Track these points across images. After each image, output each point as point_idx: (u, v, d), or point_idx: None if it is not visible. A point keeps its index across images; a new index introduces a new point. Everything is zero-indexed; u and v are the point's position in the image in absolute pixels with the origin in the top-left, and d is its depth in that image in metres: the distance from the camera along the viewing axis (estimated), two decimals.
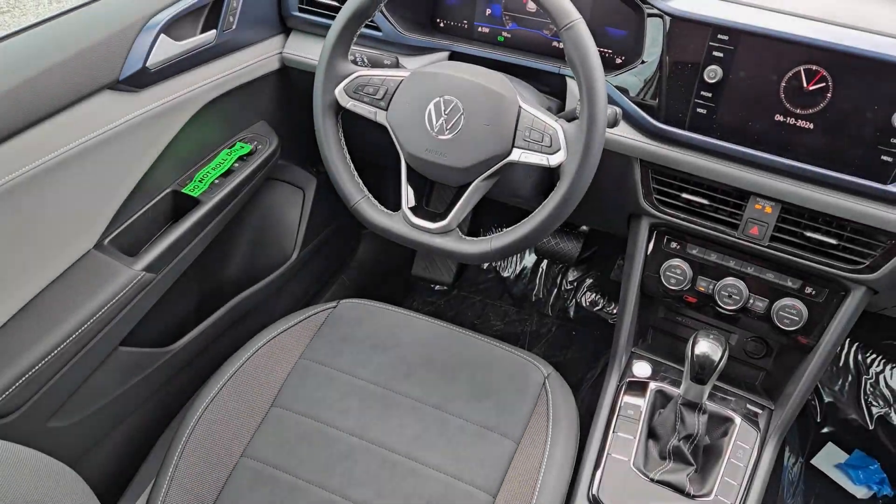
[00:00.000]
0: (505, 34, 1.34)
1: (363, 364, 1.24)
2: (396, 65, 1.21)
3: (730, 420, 1.24)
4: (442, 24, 1.37)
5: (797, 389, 1.24)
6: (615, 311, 2.11)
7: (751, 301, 1.22)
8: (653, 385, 1.30)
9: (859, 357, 1.88)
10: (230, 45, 1.29)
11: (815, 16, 1.03)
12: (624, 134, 1.18)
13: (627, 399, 1.28)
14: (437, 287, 2.24)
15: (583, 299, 2.15)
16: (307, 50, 1.41)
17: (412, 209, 1.11)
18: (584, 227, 2.07)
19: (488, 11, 1.33)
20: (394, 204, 1.14)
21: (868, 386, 1.87)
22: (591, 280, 2.15)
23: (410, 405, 1.18)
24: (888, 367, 1.87)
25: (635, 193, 1.23)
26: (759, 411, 1.28)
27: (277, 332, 1.28)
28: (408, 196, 1.12)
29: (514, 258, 2.24)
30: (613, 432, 1.23)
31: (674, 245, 1.27)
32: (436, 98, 1.05)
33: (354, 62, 1.16)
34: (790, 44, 1.03)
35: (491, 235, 1.08)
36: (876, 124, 1.01)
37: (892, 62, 0.98)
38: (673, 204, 1.21)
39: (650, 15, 1.12)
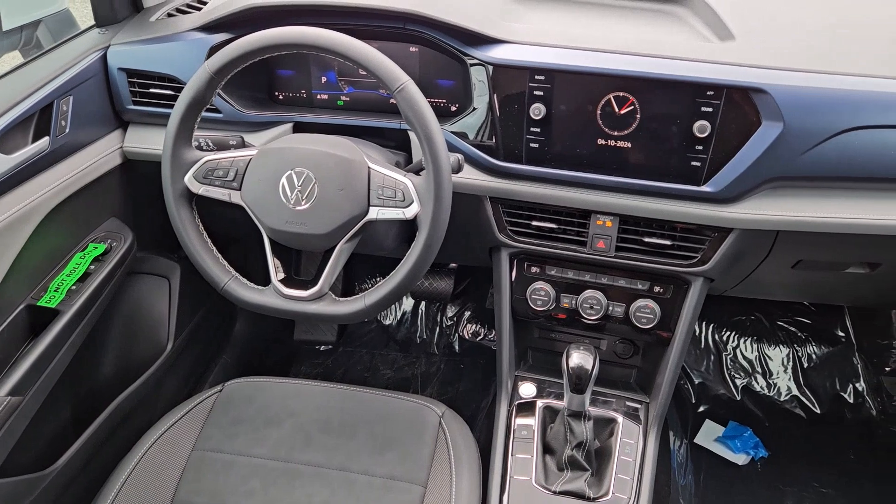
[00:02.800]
0: (343, 98, 1.39)
1: (260, 442, 1.24)
2: (242, 144, 1.23)
3: (613, 420, 1.34)
4: (281, 97, 1.41)
5: (665, 379, 1.36)
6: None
7: (610, 308, 1.33)
8: (540, 403, 1.37)
9: (716, 337, 2.06)
10: (66, 148, 1.27)
11: (616, 49, 1.16)
12: (471, 176, 1.26)
13: (519, 421, 1.35)
14: (322, 347, 2.23)
15: (464, 332, 2.22)
16: (148, 141, 1.40)
17: (283, 281, 1.13)
18: (453, 265, 2.15)
19: (324, 79, 1.38)
20: (263, 278, 1.15)
21: (728, 361, 2.06)
22: (469, 312, 2.23)
23: (314, 472, 1.19)
24: (741, 340, 2.07)
25: (491, 228, 1.32)
26: (638, 406, 1.38)
27: (164, 428, 1.25)
28: (276, 268, 1.14)
29: (394, 305, 2.29)
30: (512, 455, 1.29)
31: (534, 269, 1.37)
32: (287, 172, 1.08)
33: (199, 147, 1.17)
34: (597, 76, 1.15)
35: (364, 292, 1.12)
36: (681, 135, 1.15)
37: (682, 80, 1.12)
38: (526, 232, 1.31)
39: (473, 65, 1.21)
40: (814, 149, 1.11)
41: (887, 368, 1.99)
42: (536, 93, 1.18)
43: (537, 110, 1.19)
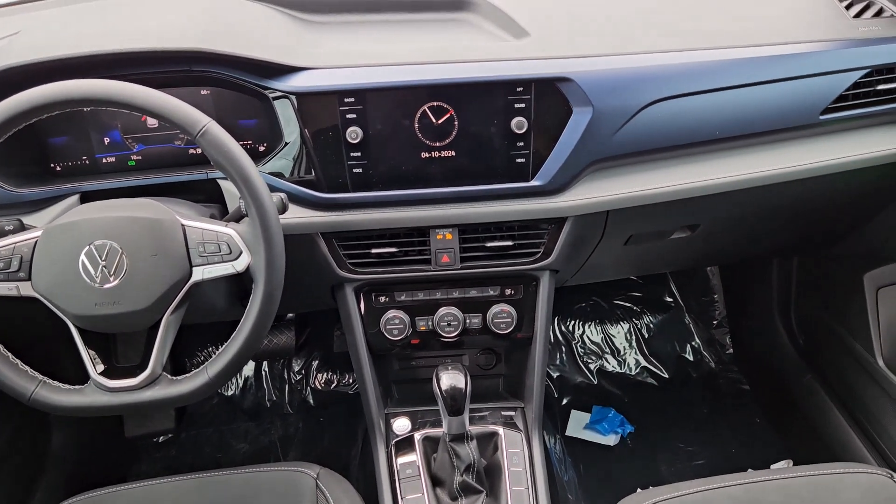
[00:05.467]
0: (134, 158, 1.25)
1: None
2: (21, 227, 1.05)
3: (495, 434, 1.30)
4: (60, 168, 1.23)
5: (535, 379, 1.35)
6: (352, 381, 2.09)
7: (468, 321, 1.30)
8: (417, 436, 1.31)
9: (563, 328, 2.12)
10: None
11: (421, 60, 1.14)
12: (296, 215, 1.17)
13: (401, 460, 1.27)
14: (161, 438, 2.00)
15: (317, 383, 2.10)
16: None
17: (104, 373, 0.98)
18: (290, 315, 2.03)
19: (107, 140, 1.23)
20: (79, 375, 0.99)
21: (578, 349, 2.12)
22: (317, 361, 2.11)
23: None
24: (585, 325, 2.15)
25: (329, 266, 1.23)
26: (514, 413, 1.36)
27: None
28: (92, 361, 0.98)
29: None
30: (402, 498, 1.21)
31: (383, 299, 1.30)
32: (85, 247, 0.94)
33: None
34: (408, 89, 1.12)
35: (203, 365, 1.00)
36: (501, 135, 1.15)
37: (490, 81, 1.12)
38: (367, 262, 1.24)
39: (276, 98, 1.13)
40: (624, 127, 1.15)
41: (714, 322, 2.15)
42: (349, 116, 1.13)
43: (354, 134, 1.13)
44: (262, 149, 1.24)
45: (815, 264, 1.75)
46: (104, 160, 1.24)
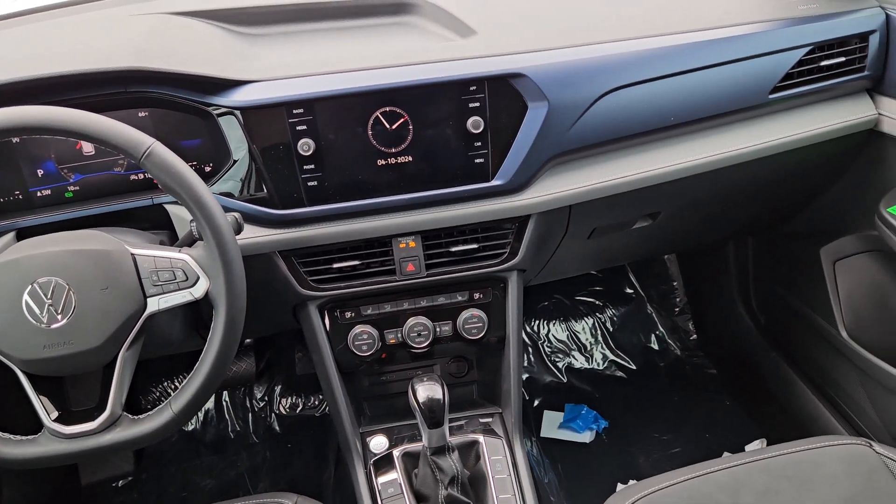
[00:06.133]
0: (72, 188, 1.17)
1: None
2: None
3: (475, 442, 1.27)
4: None
5: (511, 382, 1.32)
6: (318, 403, 2.03)
7: (438, 329, 1.27)
8: (396, 453, 1.26)
9: (528, 329, 2.11)
10: None
11: (369, 65, 1.10)
12: (252, 235, 1.12)
13: (381, 479, 1.23)
14: (121, 482, 1.90)
15: (281, 409, 2.03)
16: None
17: (59, 419, 0.92)
18: (248, 340, 1.96)
19: (41, 172, 1.15)
20: (31, 424, 0.92)
21: (545, 349, 2.11)
22: (280, 386, 2.04)
23: None
24: (550, 324, 2.14)
25: (290, 286, 1.18)
26: (491, 419, 1.33)
27: None
28: (45, 408, 0.92)
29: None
30: None
31: (349, 314, 1.26)
32: (27, 286, 0.88)
33: None
34: (359, 96, 1.08)
35: (168, 399, 0.95)
36: (458, 136, 1.12)
37: (442, 81, 1.09)
38: (330, 277, 1.20)
39: (220, 114, 1.08)
40: (581, 119, 1.15)
41: (676, 309, 2.17)
42: (300, 128, 1.08)
43: (306, 146, 1.09)
44: (208, 169, 1.19)
45: (770, 243, 1.78)
46: (39, 193, 1.16)
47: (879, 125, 1.30)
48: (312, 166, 1.11)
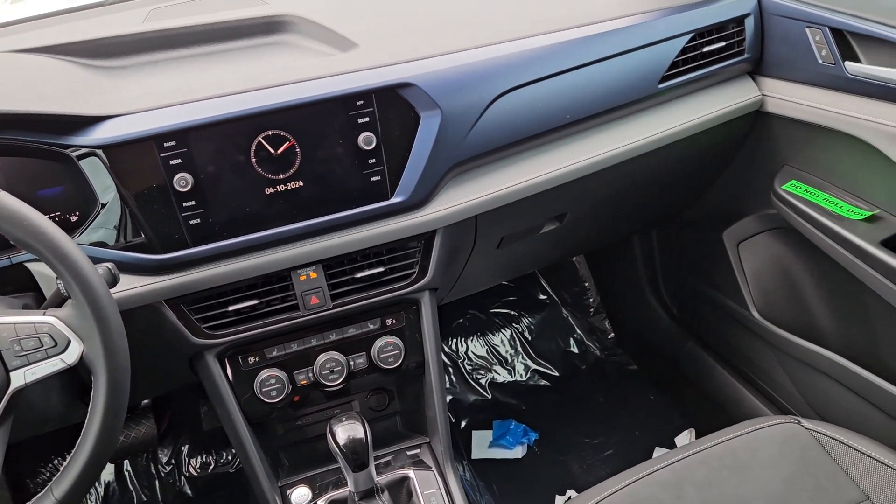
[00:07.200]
0: None
1: None
2: None
3: (405, 478, 1.19)
4: None
5: (436, 408, 1.25)
6: (231, 458, 1.89)
7: (352, 363, 1.18)
8: (321, 502, 1.16)
9: (446, 348, 2.04)
10: None
11: (245, 88, 1.01)
12: (131, 285, 1.01)
13: None
14: None
15: (191, 470, 1.88)
16: None
17: None
18: (146, 401, 1.79)
19: None
20: None
21: (466, 366, 2.05)
22: (187, 446, 1.89)
23: None
24: (467, 341, 2.09)
25: (182, 337, 1.07)
26: (419, 450, 1.26)
27: None
28: None
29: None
30: None
31: (252, 359, 1.15)
32: None
33: None
34: (236, 121, 0.99)
35: (49, 484, 0.82)
36: (350, 155, 1.05)
37: (326, 98, 1.02)
38: (226, 322, 1.09)
39: (80, 157, 0.96)
40: (476, 125, 1.10)
41: (591, 310, 2.16)
42: (173, 162, 0.98)
43: (183, 181, 0.98)
44: (74, 218, 1.06)
45: (674, 233, 1.79)
46: None
47: (764, 105, 1.32)
48: (193, 203, 1.00)
